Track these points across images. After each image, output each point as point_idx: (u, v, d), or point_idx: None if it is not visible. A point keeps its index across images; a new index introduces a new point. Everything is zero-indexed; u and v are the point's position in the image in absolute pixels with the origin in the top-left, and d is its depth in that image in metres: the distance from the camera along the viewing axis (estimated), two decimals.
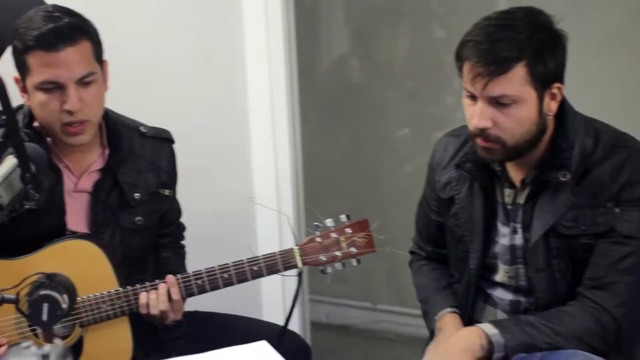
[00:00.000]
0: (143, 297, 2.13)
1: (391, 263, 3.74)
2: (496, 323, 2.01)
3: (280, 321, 2.80)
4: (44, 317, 1.64)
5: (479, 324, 2.05)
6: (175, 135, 2.38)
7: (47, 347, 1.09)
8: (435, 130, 3.66)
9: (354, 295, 3.99)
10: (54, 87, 2.02)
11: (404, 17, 3.84)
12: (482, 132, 1.93)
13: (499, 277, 2.14)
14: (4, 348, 2.07)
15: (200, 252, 2.55)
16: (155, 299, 2.13)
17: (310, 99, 3.54)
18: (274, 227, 3.19)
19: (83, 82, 2.04)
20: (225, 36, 3.11)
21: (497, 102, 1.89)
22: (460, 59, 1.93)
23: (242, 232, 3.22)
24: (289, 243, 3.14)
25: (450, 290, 2.25)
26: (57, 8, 2.07)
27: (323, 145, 3.88)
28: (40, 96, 2.04)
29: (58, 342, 1.10)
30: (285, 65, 3.11)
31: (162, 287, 2.14)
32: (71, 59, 2.01)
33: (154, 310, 2.12)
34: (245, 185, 3.23)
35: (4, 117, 1.63)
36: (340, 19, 4.02)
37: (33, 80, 2.03)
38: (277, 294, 3.23)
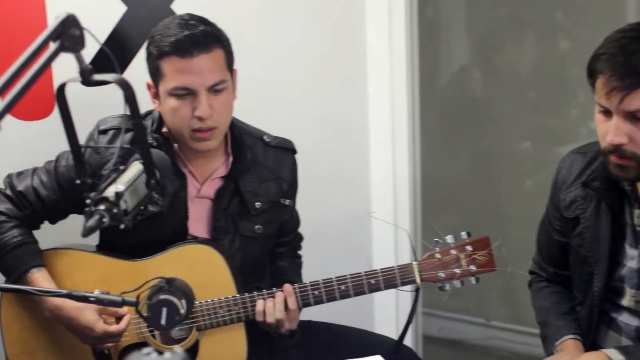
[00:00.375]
0: (260, 305, 2.13)
1: (508, 279, 3.65)
2: (622, 349, 1.93)
3: (392, 334, 2.77)
4: (163, 321, 1.66)
5: (603, 349, 1.96)
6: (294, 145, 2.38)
7: (167, 355, 1.09)
8: (558, 144, 3.56)
9: (468, 310, 3.92)
10: (186, 94, 2.06)
11: (528, 27, 3.75)
12: (617, 149, 1.84)
13: (626, 301, 2.04)
14: (126, 318, 2.12)
15: (316, 263, 2.55)
16: (272, 307, 2.13)
17: (429, 111, 3.49)
18: (390, 241, 3.16)
19: (214, 90, 2.07)
20: (347, 47, 3.09)
21: (634, 117, 1.80)
22: (593, 73, 1.85)
23: (358, 245, 3.20)
24: (405, 258, 3.12)
25: (572, 316, 2.17)
26: (192, 16, 2.11)
27: (441, 159, 3.83)
28: (172, 102, 2.07)
29: (178, 349, 1.10)
30: (406, 78, 3.07)
31: (279, 295, 2.14)
32: (204, 66, 2.04)
33: (270, 319, 2.13)
34: (362, 198, 3.20)
35: (132, 123, 1.66)
36: (461, 30, 3.96)
37: (166, 85, 2.07)
38: (390, 307, 3.20)
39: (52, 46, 1.37)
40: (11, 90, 1.31)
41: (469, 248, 2.12)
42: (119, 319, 2.14)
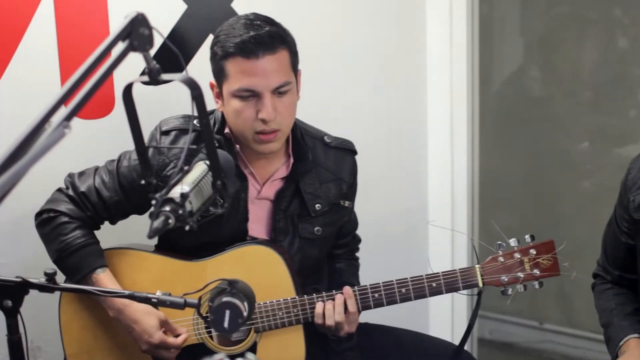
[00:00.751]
0: (319, 307, 2.11)
1: (562, 282, 3.60)
2: None
3: (447, 337, 2.75)
4: (225, 324, 1.65)
5: None
6: None
7: None
8: (616, 145, 3.50)
9: (521, 312, 3.89)
10: (250, 95, 2.03)
11: (586, 25, 3.68)
12: None
13: None
14: (183, 336, 2.12)
15: (373, 264, 2.53)
16: (331, 309, 2.11)
17: (486, 111, 3.45)
18: (447, 243, 3.13)
19: (278, 92, 2.04)
20: (407, 48, 3.08)
21: None
22: None
23: (415, 246, 3.18)
24: (462, 258, 3.08)
25: (637, 317, 2.12)
26: (257, 16, 2.07)
27: (498, 159, 3.78)
28: (235, 103, 2.05)
29: (250, 356, 1.08)
30: (466, 78, 3.05)
31: (339, 297, 2.12)
32: (269, 68, 2.01)
33: (330, 321, 2.11)
34: (420, 199, 3.19)
35: (197, 122, 1.65)
36: (517, 28, 3.90)
37: (230, 87, 2.04)
38: (446, 310, 3.17)
39: (121, 46, 1.36)
40: (80, 90, 1.30)
41: (532, 252, 2.09)
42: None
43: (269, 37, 2.00)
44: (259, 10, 2.12)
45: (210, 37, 2.56)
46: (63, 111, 1.26)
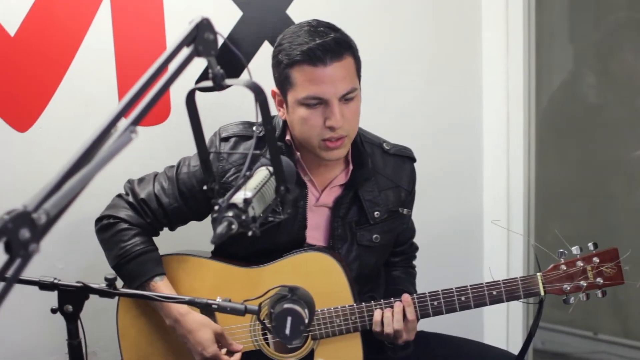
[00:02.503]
0: (378, 315, 2.10)
1: (617, 291, 3.52)
2: None
3: (502, 345, 2.70)
4: (287, 330, 1.63)
5: None
6: None
7: None
8: None
9: (574, 322, 3.81)
10: (317, 103, 2.01)
11: None
12: None
13: None
14: (237, 355, 2.11)
15: (428, 270, 2.51)
16: (390, 317, 2.09)
17: (543, 118, 3.41)
18: (503, 249, 3.10)
19: (345, 98, 2.02)
20: (463, 52, 3.07)
21: None
22: None
23: (470, 252, 3.15)
24: (518, 265, 3.05)
25: None
26: (320, 23, 2.06)
27: (554, 166, 3.73)
28: (302, 111, 2.03)
29: None
30: (523, 85, 3.02)
31: (397, 305, 2.10)
32: (336, 75, 1.99)
33: (388, 329, 2.09)
34: (476, 205, 3.16)
35: (255, 128, 1.65)
36: (571, 34, 3.85)
37: (296, 95, 2.02)
38: (501, 318, 3.13)
39: (186, 51, 1.36)
40: (146, 96, 1.30)
41: (596, 260, 2.06)
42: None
43: (336, 44, 1.98)
44: (313, 16, 2.12)
45: (266, 44, 2.60)
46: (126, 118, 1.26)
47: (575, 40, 3.83)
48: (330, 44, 1.97)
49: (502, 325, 3.14)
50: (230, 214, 1.43)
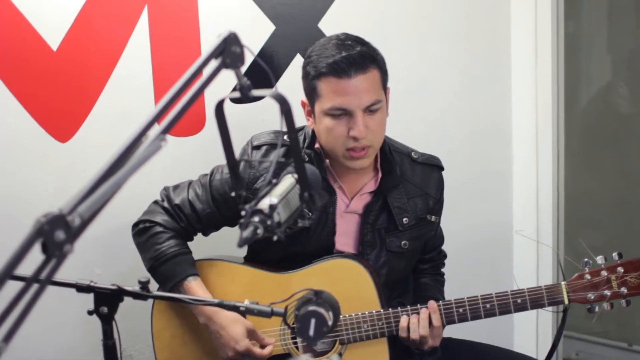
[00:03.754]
0: (404, 321, 2.14)
1: None
2: None
3: (532, 354, 2.71)
4: (311, 332, 1.68)
5: None
6: None
7: None
8: None
9: (609, 333, 3.79)
10: (342, 114, 2.07)
11: None
12: None
13: None
14: (269, 348, 2.16)
15: (457, 278, 2.53)
16: (416, 323, 2.13)
17: (572, 128, 3.42)
18: (532, 259, 3.11)
19: (369, 110, 2.07)
20: (492, 64, 3.09)
21: None
22: None
23: (500, 261, 3.16)
24: (547, 275, 3.05)
25: None
26: (348, 36, 2.12)
27: (585, 176, 3.73)
28: (327, 121, 2.09)
29: (335, 357, 1.11)
30: (552, 94, 3.04)
31: (423, 312, 2.14)
32: (361, 87, 2.04)
33: (414, 335, 2.13)
34: (505, 215, 3.18)
35: (286, 138, 1.71)
36: (605, 44, 3.85)
37: (322, 105, 2.09)
38: (530, 326, 3.14)
39: (214, 63, 1.42)
40: (175, 105, 1.37)
41: (620, 269, 2.07)
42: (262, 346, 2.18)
43: (360, 57, 2.04)
44: (345, 29, 2.17)
45: (298, 57, 2.66)
46: (158, 126, 1.33)
47: (609, 51, 3.84)
48: (355, 57, 2.03)
49: (532, 333, 3.14)
50: (256, 219, 1.49)
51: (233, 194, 1.65)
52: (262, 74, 1.61)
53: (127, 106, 2.55)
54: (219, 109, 1.56)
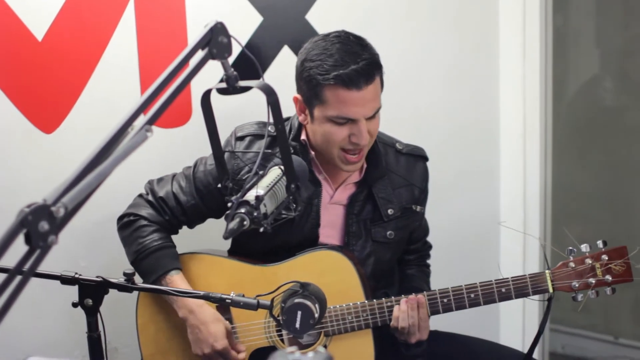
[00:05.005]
0: (397, 310, 2.14)
1: (638, 294, 3.54)
2: None
3: (518, 347, 2.72)
4: (297, 324, 1.69)
5: None
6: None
7: (310, 354, 1.11)
8: None
9: (595, 326, 3.81)
10: (345, 122, 2.07)
11: None
12: None
13: None
14: (243, 354, 2.17)
15: (444, 270, 2.54)
16: (405, 310, 2.13)
17: (560, 121, 3.43)
18: (519, 250, 3.12)
19: (371, 116, 2.08)
20: (480, 57, 3.10)
21: None
22: None
23: (486, 253, 3.17)
24: (534, 266, 3.07)
25: None
26: (349, 38, 2.08)
27: (572, 168, 3.74)
28: (328, 127, 2.08)
29: (321, 349, 1.12)
30: (539, 87, 3.05)
31: (412, 299, 2.14)
32: (367, 97, 2.04)
33: (403, 323, 2.12)
34: (492, 206, 3.19)
35: (271, 129, 1.70)
36: (591, 39, 3.86)
37: (325, 112, 2.07)
38: (517, 318, 3.16)
39: (201, 53, 1.41)
40: (162, 95, 1.36)
41: (605, 257, 2.08)
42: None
43: (369, 67, 2.03)
44: (332, 21, 2.17)
45: (285, 48, 2.66)
46: (144, 116, 1.32)
47: (597, 45, 3.85)
48: (364, 69, 2.02)
49: (518, 324, 3.16)
50: (242, 210, 1.49)
51: (219, 185, 1.65)
52: (249, 66, 1.60)
53: (113, 97, 2.53)
54: (205, 99, 1.56)
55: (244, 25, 2.63)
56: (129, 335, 2.33)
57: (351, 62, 2.02)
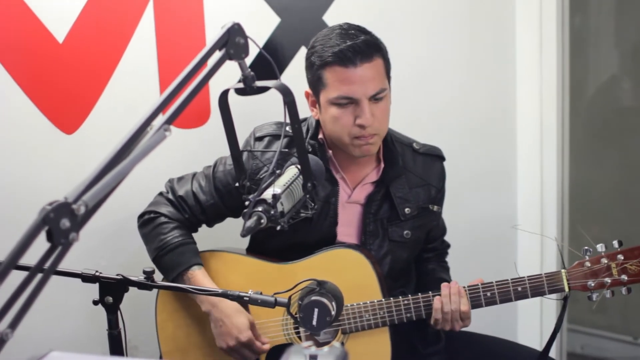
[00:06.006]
0: (437, 302, 2.14)
1: None
2: None
3: (536, 346, 2.72)
4: (314, 321, 1.71)
5: None
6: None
7: (325, 349, 1.13)
8: None
9: (614, 327, 3.80)
10: (348, 102, 2.09)
11: None
12: None
13: None
14: (267, 345, 2.19)
15: (462, 270, 2.55)
16: (448, 296, 2.14)
17: (577, 121, 3.42)
18: (536, 250, 3.13)
19: (375, 98, 2.09)
20: (497, 56, 3.11)
21: None
22: None
23: (503, 253, 3.18)
24: (551, 266, 3.08)
25: None
26: (351, 26, 2.14)
27: (589, 169, 3.74)
28: (333, 110, 2.11)
29: (336, 344, 1.14)
30: (556, 87, 3.06)
31: (454, 285, 2.16)
32: (366, 76, 2.07)
33: (447, 308, 2.13)
34: (509, 206, 3.20)
35: (288, 129, 1.73)
36: (610, 39, 3.86)
37: (328, 95, 2.11)
38: (534, 318, 3.16)
39: (218, 54, 1.44)
40: (180, 95, 1.38)
41: (620, 257, 2.08)
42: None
43: (366, 46, 2.06)
44: (349, 21, 2.18)
45: (303, 49, 2.68)
46: (163, 116, 1.34)
47: (615, 45, 3.84)
48: (360, 46, 2.05)
49: (535, 324, 3.16)
50: (259, 208, 1.52)
51: (237, 184, 1.67)
52: (267, 67, 1.63)
53: (132, 98, 2.57)
54: (223, 99, 1.58)
55: (261, 27, 2.66)
56: (148, 333, 2.35)
57: (349, 41, 2.05)
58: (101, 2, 2.50)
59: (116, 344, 1.83)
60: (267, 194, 1.54)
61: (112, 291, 1.78)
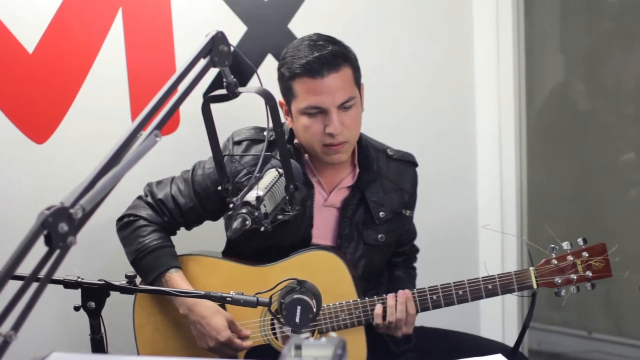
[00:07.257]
0: (379, 308, 2.20)
1: (610, 290, 3.62)
2: None
3: (498, 339, 2.79)
4: (297, 319, 1.75)
5: None
6: None
7: (323, 339, 1.18)
8: None
9: (568, 322, 3.87)
10: (317, 112, 2.15)
11: (631, 40, 3.72)
12: None
13: None
14: (248, 342, 2.22)
15: (425, 269, 2.61)
16: (393, 306, 2.20)
17: (534, 124, 3.52)
18: (497, 249, 3.20)
19: (344, 107, 2.15)
20: (456, 63, 3.19)
21: None
22: None
23: (466, 251, 3.26)
24: (511, 263, 3.15)
25: None
26: (320, 37, 2.19)
27: (546, 171, 3.83)
28: (304, 120, 2.17)
29: (333, 334, 1.19)
30: (513, 94, 3.15)
31: (401, 295, 2.20)
32: (334, 85, 2.12)
33: (391, 317, 2.19)
34: (470, 208, 3.27)
35: (271, 133, 1.78)
36: (558, 44, 3.96)
37: (298, 105, 2.17)
38: (496, 313, 3.23)
39: (203, 62, 1.48)
40: (165, 106, 1.42)
41: (585, 254, 2.15)
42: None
43: (332, 57, 2.12)
44: (314, 30, 2.23)
45: (269, 57, 2.72)
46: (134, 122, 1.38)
47: (566, 48, 3.93)
48: (327, 57, 2.11)
49: (497, 319, 3.23)
50: (244, 210, 1.56)
51: (219, 187, 1.71)
52: (236, 74, 1.67)
53: (103, 107, 2.59)
54: (206, 106, 1.63)
55: (229, 35, 2.64)
56: (125, 337, 2.35)
57: (316, 52, 2.11)
58: (71, 13, 2.52)
59: (99, 349, 1.84)
60: (251, 196, 1.59)
61: (94, 296, 1.79)
